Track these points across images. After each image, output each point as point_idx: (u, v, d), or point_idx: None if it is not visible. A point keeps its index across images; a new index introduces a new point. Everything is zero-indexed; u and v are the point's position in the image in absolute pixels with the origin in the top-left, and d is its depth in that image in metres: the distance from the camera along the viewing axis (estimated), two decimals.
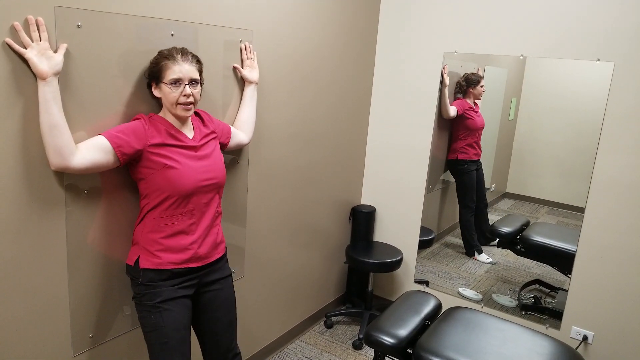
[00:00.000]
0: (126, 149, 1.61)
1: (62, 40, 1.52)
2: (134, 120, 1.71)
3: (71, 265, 1.70)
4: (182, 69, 1.66)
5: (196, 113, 1.90)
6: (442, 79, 2.98)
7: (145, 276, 1.70)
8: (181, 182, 1.68)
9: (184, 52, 1.70)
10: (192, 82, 1.70)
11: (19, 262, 1.55)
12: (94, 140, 1.58)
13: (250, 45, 2.22)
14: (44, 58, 1.44)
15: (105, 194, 1.75)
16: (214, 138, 1.89)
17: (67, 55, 1.53)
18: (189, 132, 1.78)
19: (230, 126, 2.09)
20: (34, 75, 1.46)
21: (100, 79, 1.65)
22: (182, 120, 1.76)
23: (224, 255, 1.92)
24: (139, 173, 1.70)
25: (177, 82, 1.66)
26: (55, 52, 1.49)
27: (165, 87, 1.67)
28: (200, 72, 1.75)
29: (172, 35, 1.85)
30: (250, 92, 2.22)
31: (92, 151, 1.56)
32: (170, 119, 1.74)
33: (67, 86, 1.56)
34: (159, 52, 1.72)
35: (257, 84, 2.24)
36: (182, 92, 1.67)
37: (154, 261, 1.70)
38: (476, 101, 3.04)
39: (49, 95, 1.45)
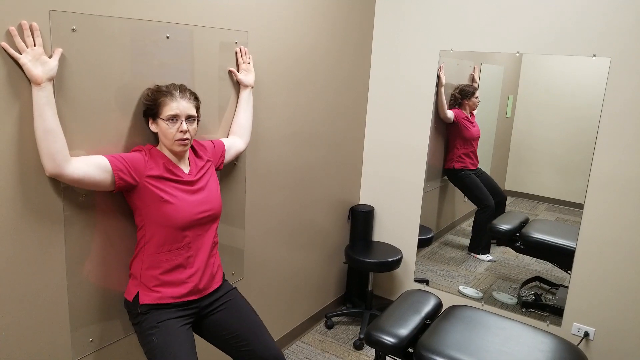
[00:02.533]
0: (125, 175, 1.62)
1: (57, 44, 1.51)
2: (133, 151, 1.72)
3: (70, 269, 1.69)
4: (179, 105, 1.69)
5: None
6: (439, 78, 2.98)
7: (144, 308, 1.72)
8: (177, 216, 1.70)
9: (182, 89, 1.73)
10: (189, 118, 1.72)
11: (17, 266, 1.55)
12: (95, 157, 1.59)
13: (246, 49, 2.21)
14: (39, 63, 1.44)
15: (103, 198, 1.74)
16: (210, 167, 1.90)
17: (62, 59, 1.52)
18: (185, 167, 1.80)
19: (223, 141, 2.07)
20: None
21: (95, 82, 1.64)
22: (179, 156, 1.77)
23: (222, 284, 1.93)
24: (133, 204, 1.72)
25: (174, 118, 1.68)
26: (50, 57, 1.49)
27: (162, 123, 1.69)
28: (197, 108, 1.78)
29: (168, 37, 1.85)
30: (246, 96, 2.21)
31: (90, 166, 1.56)
32: (167, 153, 1.76)
33: (62, 90, 1.55)
34: (156, 88, 1.73)
35: (253, 87, 2.24)
36: (178, 128, 1.69)
37: (153, 296, 1.72)
38: (472, 112, 3.02)
39: (43, 100, 1.45)
